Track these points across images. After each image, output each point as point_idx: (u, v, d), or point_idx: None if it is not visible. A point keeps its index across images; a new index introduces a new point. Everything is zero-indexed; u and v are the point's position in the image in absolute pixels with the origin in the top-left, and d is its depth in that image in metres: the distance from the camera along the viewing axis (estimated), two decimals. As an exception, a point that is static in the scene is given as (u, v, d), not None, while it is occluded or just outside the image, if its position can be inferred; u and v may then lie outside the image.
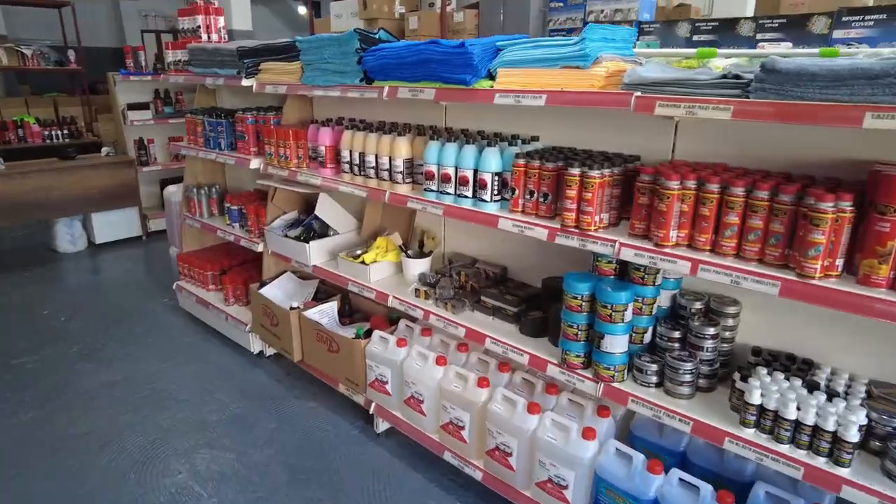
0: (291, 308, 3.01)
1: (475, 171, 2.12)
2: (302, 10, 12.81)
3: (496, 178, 2.08)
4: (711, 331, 1.82)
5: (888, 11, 3.51)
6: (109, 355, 3.55)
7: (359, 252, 2.90)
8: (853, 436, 1.48)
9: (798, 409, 1.56)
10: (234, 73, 3.09)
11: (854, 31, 3.64)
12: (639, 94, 1.64)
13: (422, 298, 2.56)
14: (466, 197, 2.17)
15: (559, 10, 5.24)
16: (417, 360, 2.47)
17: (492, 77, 2.05)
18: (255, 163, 3.18)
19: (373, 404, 2.70)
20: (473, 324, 2.32)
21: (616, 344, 1.86)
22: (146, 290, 4.59)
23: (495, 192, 2.10)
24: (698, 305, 1.92)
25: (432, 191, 2.28)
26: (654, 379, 1.87)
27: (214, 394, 3.12)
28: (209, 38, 3.55)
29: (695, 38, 4.33)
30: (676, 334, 1.89)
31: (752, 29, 4.04)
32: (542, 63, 1.87)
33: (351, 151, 2.61)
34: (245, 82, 3.03)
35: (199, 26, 3.47)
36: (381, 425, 2.76)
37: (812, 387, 1.65)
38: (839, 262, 1.46)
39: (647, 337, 1.94)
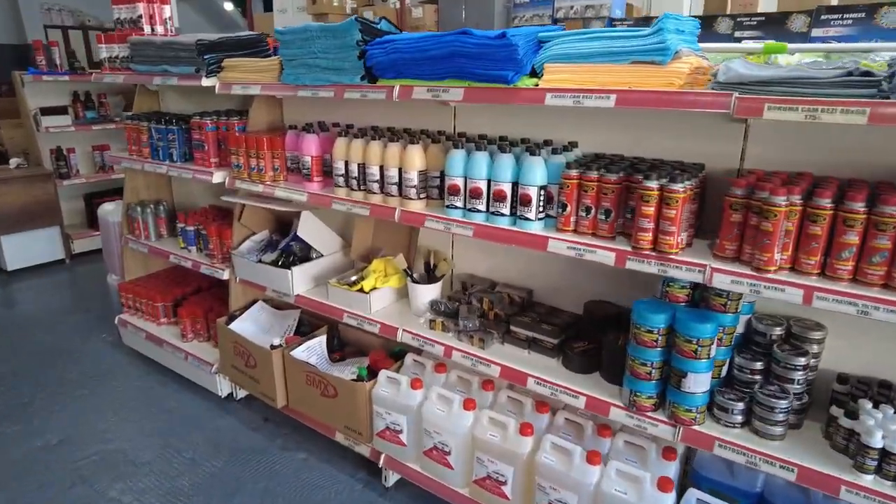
0: (272, 347, 2.57)
1: (514, 185, 1.81)
2: (228, 6, 11.96)
3: (541, 192, 1.78)
4: (802, 361, 1.61)
5: (867, 10, 3.51)
6: (40, 411, 2.94)
7: (353, 278, 2.51)
8: None
9: (932, 453, 1.37)
10: (191, 70, 2.60)
11: (833, 30, 3.63)
12: (738, 94, 1.39)
13: (438, 330, 2.22)
14: (503, 215, 1.85)
15: (525, 7, 5.01)
16: (439, 405, 2.13)
17: (534, 74, 1.75)
18: (218, 176, 2.71)
19: (382, 456, 2.33)
20: (508, 360, 2.01)
21: (700, 383, 1.61)
22: (78, 324, 3.92)
23: (540, 209, 1.80)
24: (778, 331, 1.70)
25: (457, 208, 1.95)
26: (740, 419, 1.64)
27: (182, 451, 2.62)
28: (153, 30, 3.02)
29: (670, 35, 4.21)
30: (758, 365, 1.66)
31: (729, 27, 3.97)
32: (606, 57, 1.58)
33: (347, 162, 2.23)
34: (206, 82, 2.56)
35: (139, 16, 2.93)
36: (391, 477, 2.39)
37: (929, 422, 1.47)
38: None
39: (725, 370, 1.71)
